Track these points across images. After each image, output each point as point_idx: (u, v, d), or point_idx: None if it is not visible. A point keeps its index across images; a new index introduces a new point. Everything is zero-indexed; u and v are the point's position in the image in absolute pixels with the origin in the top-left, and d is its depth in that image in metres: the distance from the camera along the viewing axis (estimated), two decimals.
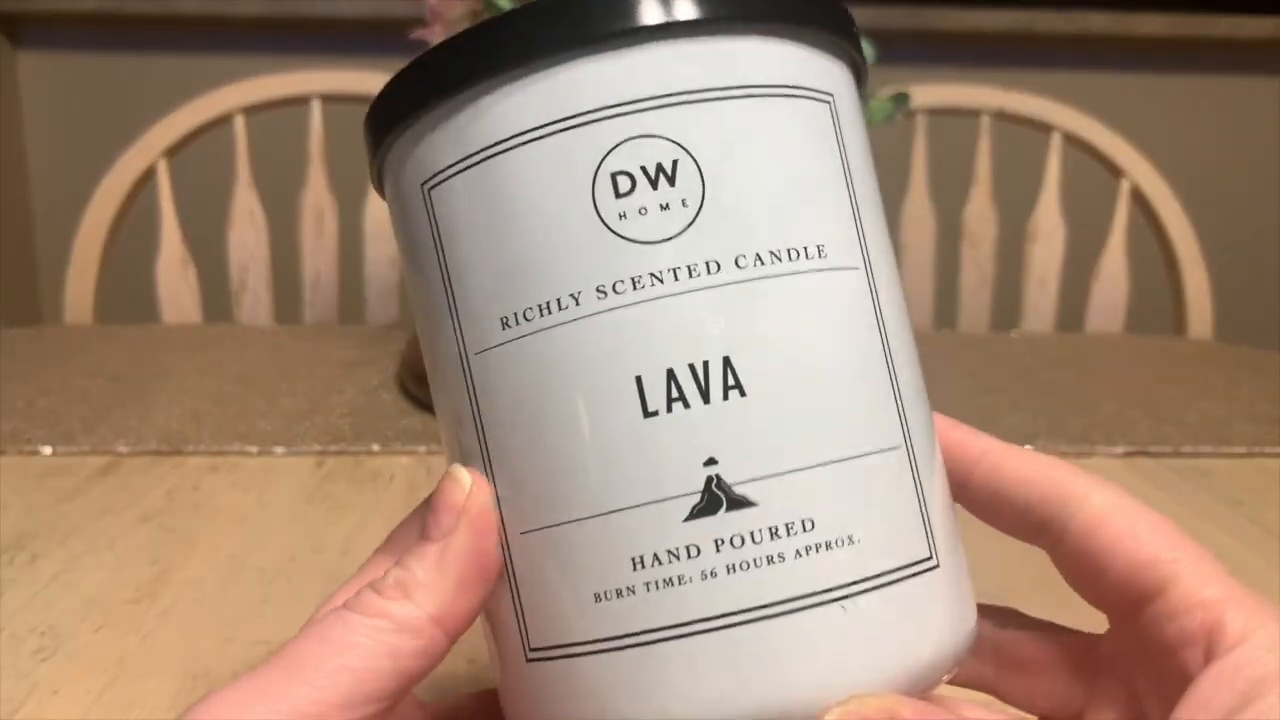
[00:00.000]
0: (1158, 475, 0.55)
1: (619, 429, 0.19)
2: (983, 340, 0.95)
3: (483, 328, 0.20)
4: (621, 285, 0.19)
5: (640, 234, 0.19)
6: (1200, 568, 0.21)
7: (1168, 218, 1.06)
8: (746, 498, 0.19)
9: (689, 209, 0.19)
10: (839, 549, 0.19)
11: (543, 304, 0.19)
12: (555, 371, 0.19)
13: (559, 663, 0.20)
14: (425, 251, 0.21)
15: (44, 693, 0.32)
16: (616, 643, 0.19)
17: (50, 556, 0.42)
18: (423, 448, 0.56)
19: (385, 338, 0.85)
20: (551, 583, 0.20)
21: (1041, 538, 0.23)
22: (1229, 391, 0.74)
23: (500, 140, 0.20)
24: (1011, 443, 0.24)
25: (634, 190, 0.19)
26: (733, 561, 0.18)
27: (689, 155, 0.19)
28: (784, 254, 0.19)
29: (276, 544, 0.44)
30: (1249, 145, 1.78)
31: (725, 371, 0.19)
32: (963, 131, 1.13)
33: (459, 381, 0.21)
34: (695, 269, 0.19)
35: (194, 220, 1.05)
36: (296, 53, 1.50)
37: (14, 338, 0.85)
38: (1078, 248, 1.09)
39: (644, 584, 0.19)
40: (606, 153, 0.19)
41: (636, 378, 0.19)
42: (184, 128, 1.03)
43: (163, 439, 0.57)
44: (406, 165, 0.21)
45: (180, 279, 1.02)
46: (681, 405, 0.19)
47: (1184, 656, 0.20)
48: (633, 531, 0.19)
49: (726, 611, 0.18)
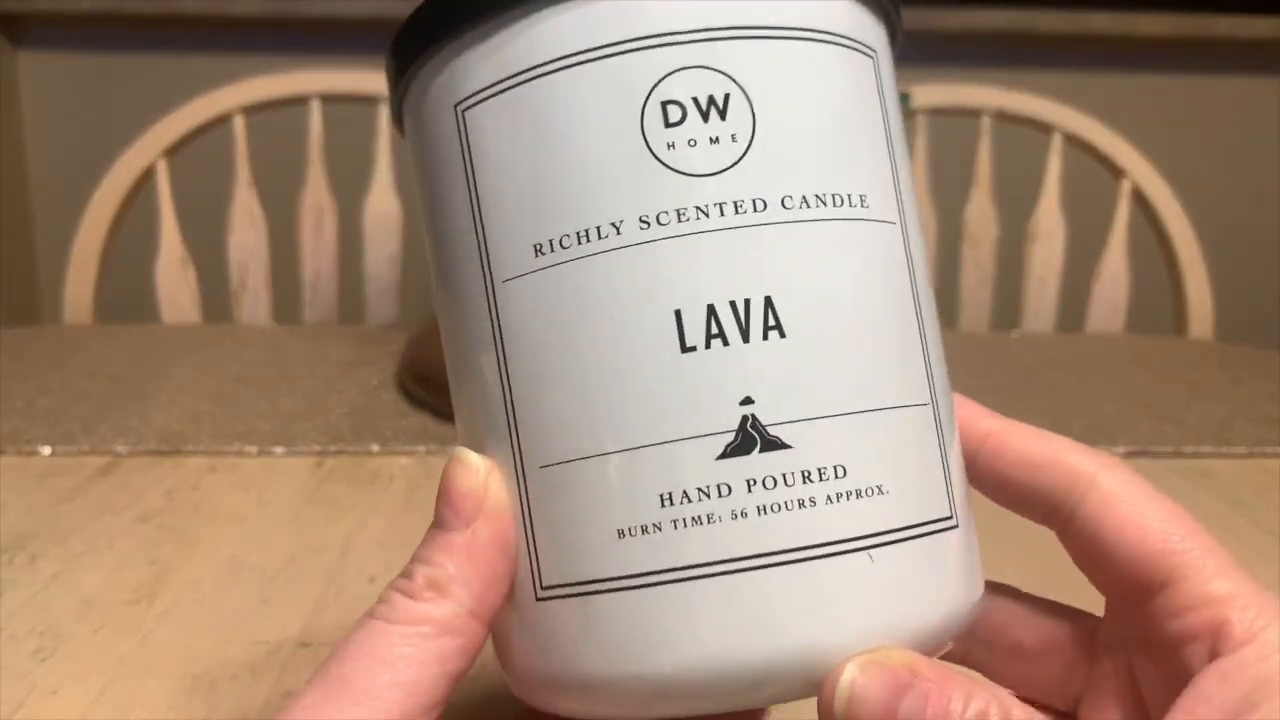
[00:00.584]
0: (1158, 475, 0.55)
1: (655, 363, 0.19)
2: (983, 340, 0.95)
3: (513, 254, 0.20)
4: (666, 216, 0.19)
5: (688, 165, 0.19)
6: (1209, 561, 0.20)
7: (1168, 218, 1.06)
8: (781, 439, 0.18)
9: (738, 144, 0.19)
10: (868, 498, 0.19)
11: (581, 231, 0.19)
12: (590, 301, 0.19)
13: (573, 600, 0.19)
14: (451, 176, 0.21)
15: (43, 693, 0.32)
16: (638, 580, 0.18)
17: (49, 557, 0.42)
18: (422, 448, 0.56)
19: (385, 338, 0.85)
20: (571, 518, 0.19)
21: (1049, 520, 0.22)
22: (1230, 392, 0.74)
23: (548, 60, 0.19)
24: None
25: (684, 121, 0.19)
26: (764, 503, 0.18)
27: (741, 90, 0.19)
28: (829, 199, 0.19)
29: (276, 544, 0.44)
30: (1250, 145, 1.78)
31: (766, 311, 0.19)
32: (963, 131, 1.13)
33: (481, 312, 0.20)
34: (742, 205, 0.19)
35: (193, 220, 1.05)
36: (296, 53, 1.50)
37: (14, 338, 0.85)
38: (1078, 248, 1.09)
39: (671, 521, 0.18)
40: (659, 80, 0.19)
41: (676, 311, 0.19)
42: (183, 128, 1.03)
43: (162, 439, 0.57)
44: (437, 86, 0.21)
45: (180, 279, 1.02)
46: (720, 342, 0.18)
47: (1187, 652, 0.20)
48: (663, 467, 0.18)
49: (756, 553, 0.18)
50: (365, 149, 1.06)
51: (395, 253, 1.06)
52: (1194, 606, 0.20)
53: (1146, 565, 0.20)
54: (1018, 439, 0.22)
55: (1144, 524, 0.21)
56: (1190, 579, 0.20)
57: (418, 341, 0.70)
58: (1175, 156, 1.28)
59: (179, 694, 0.32)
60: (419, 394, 0.64)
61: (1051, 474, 0.22)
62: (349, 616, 0.37)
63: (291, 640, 0.36)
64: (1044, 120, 1.09)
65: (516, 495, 0.20)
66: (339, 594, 0.39)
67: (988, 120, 1.10)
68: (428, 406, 0.63)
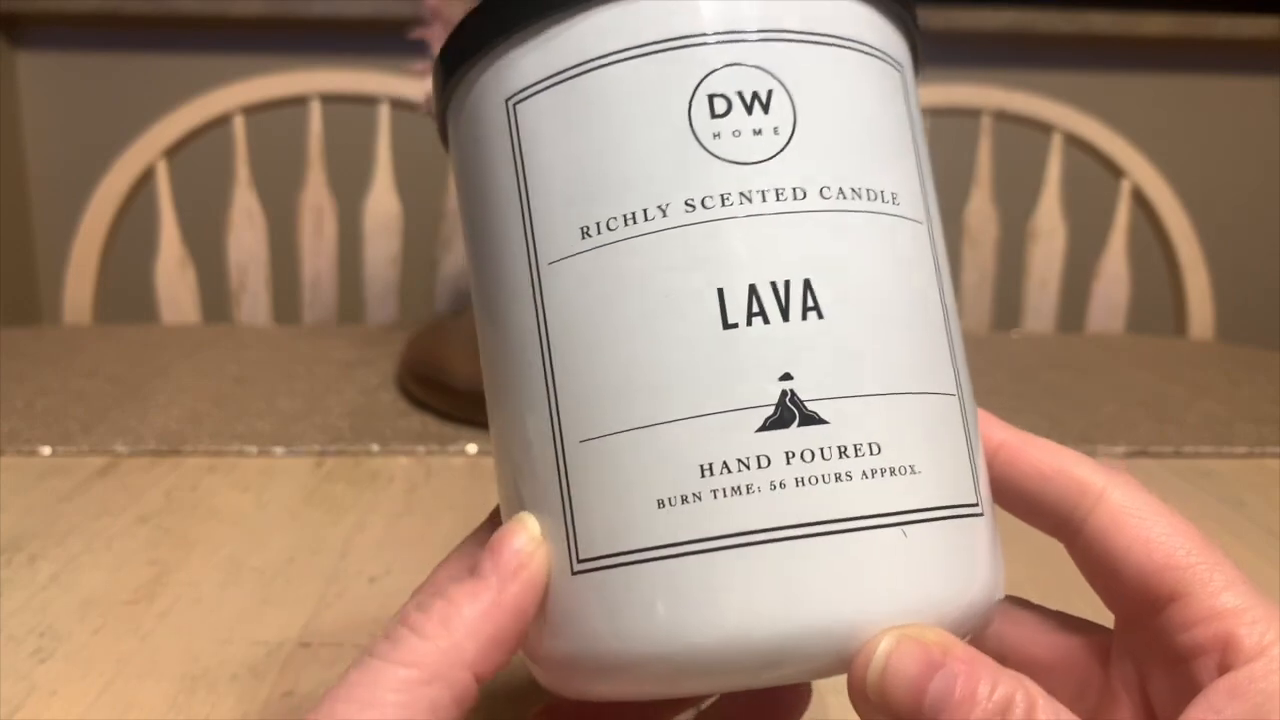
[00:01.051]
0: (1159, 476, 0.55)
1: (698, 338, 0.19)
2: (983, 340, 0.95)
3: (560, 237, 0.21)
4: (711, 200, 0.20)
5: (733, 154, 0.20)
6: (1217, 575, 0.20)
7: (1169, 218, 1.06)
8: (818, 414, 0.19)
9: (780, 137, 0.20)
10: (902, 476, 0.19)
11: (628, 214, 0.20)
12: (635, 279, 0.20)
13: (612, 571, 0.19)
14: (500, 167, 0.22)
15: (42, 694, 0.32)
16: (679, 549, 0.19)
17: (49, 557, 0.42)
18: (422, 448, 0.56)
19: (385, 338, 0.85)
20: (611, 490, 0.20)
21: (1058, 532, 0.22)
22: (1230, 392, 0.74)
23: (600, 55, 0.20)
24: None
25: (729, 113, 0.20)
26: (802, 475, 0.19)
27: (784, 88, 0.20)
28: (864, 192, 0.20)
29: (275, 545, 0.44)
30: (1250, 145, 1.78)
31: (805, 293, 0.19)
32: (963, 131, 1.13)
33: (525, 294, 0.21)
34: (783, 193, 0.20)
35: (193, 220, 1.05)
36: (296, 53, 1.50)
37: (13, 338, 0.85)
38: (1079, 248, 1.09)
39: (711, 491, 0.19)
40: (706, 75, 0.20)
41: (719, 290, 0.19)
42: (183, 127, 1.03)
43: (161, 439, 0.57)
44: (486, 83, 0.22)
45: (179, 279, 1.02)
46: (761, 320, 0.19)
47: (1196, 666, 0.20)
48: (704, 439, 0.19)
49: (794, 523, 0.19)
50: (365, 149, 1.06)
51: (395, 253, 1.06)
52: (1202, 620, 0.20)
53: (1153, 579, 0.20)
54: (1030, 449, 0.23)
55: (1151, 538, 0.21)
56: (1198, 593, 0.20)
57: (418, 341, 0.70)
58: (1175, 156, 1.28)
59: (179, 694, 0.32)
60: (419, 394, 0.64)
61: (1061, 486, 0.22)
62: (349, 616, 0.37)
63: (291, 640, 0.36)
64: (1044, 120, 1.09)
65: (555, 471, 0.20)
66: (339, 594, 0.39)
67: (988, 120, 1.10)
68: (427, 407, 0.63)
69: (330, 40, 1.63)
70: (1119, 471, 0.22)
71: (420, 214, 1.12)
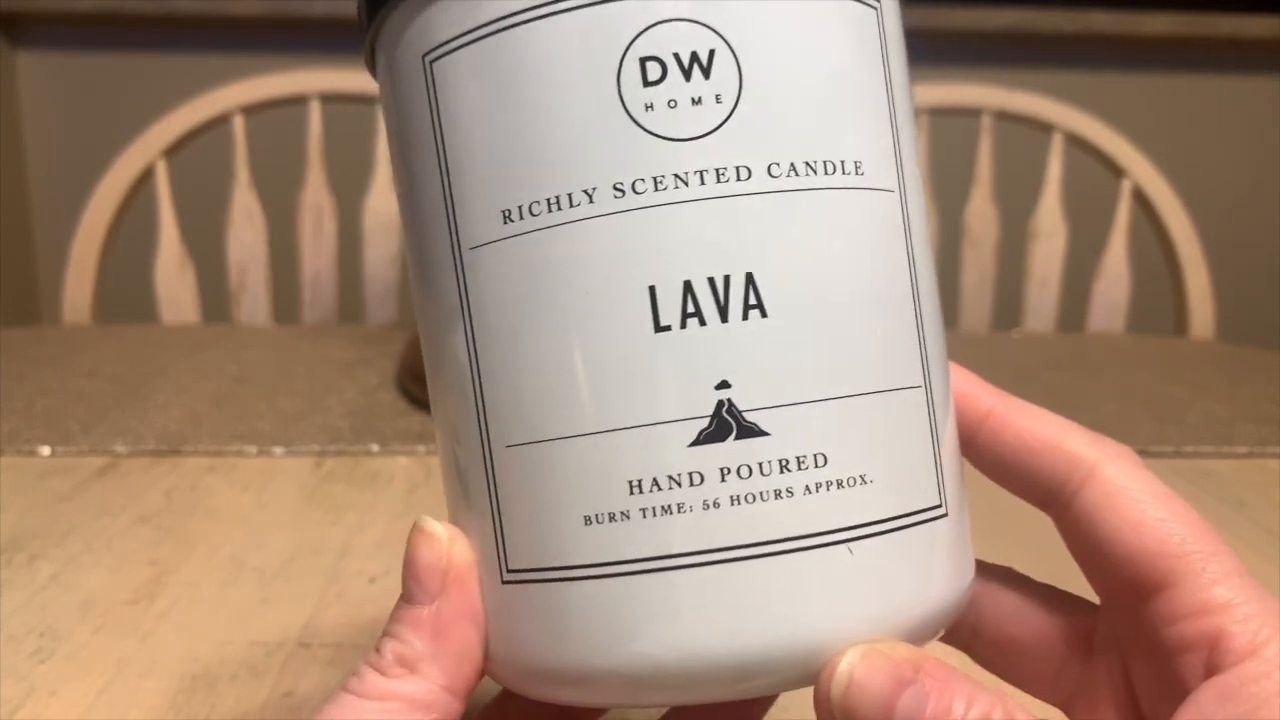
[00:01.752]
0: (1159, 475, 0.55)
1: (626, 342, 0.17)
2: (984, 340, 0.95)
3: (480, 221, 0.18)
4: (642, 184, 0.17)
5: (667, 129, 0.17)
6: (1211, 565, 0.19)
7: (1169, 218, 1.06)
8: (758, 426, 0.17)
9: (723, 106, 0.17)
10: (850, 488, 0.18)
11: (551, 198, 0.18)
12: (560, 273, 0.18)
13: (538, 586, 0.18)
14: (420, 132, 0.19)
15: (42, 694, 0.32)
16: (604, 569, 0.18)
17: (48, 557, 0.42)
18: (422, 448, 0.56)
19: (384, 338, 0.85)
20: (537, 501, 0.18)
21: (1046, 507, 0.21)
22: (1231, 392, 0.74)
23: (521, 9, 0.18)
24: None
25: (664, 79, 0.17)
26: (738, 493, 0.17)
27: (728, 46, 0.18)
28: (820, 166, 0.18)
29: (275, 545, 0.44)
30: (1251, 145, 1.78)
31: (747, 289, 0.17)
32: (963, 131, 1.13)
33: (449, 282, 0.19)
34: (724, 173, 0.17)
35: (192, 220, 1.05)
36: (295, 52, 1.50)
37: (13, 338, 0.85)
38: (1079, 248, 1.09)
39: (640, 509, 0.17)
40: (638, 34, 0.17)
41: (650, 287, 0.17)
42: (183, 127, 1.03)
43: (161, 439, 0.57)
44: (406, 33, 0.19)
45: (179, 279, 1.02)
46: (697, 322, 0.17)
47: (1182, 662, 0.18)
48: (632, 453, 0.17)
49: (727, 545, 0.17)
50: (365, 149, 1.06)
51: (395, 253, 1.06)
52: (1191, 614, 0.18)
53: (1143, 565, 0.19)
54: (1020, 418, 0.21)
55: (1143, 521, 0.19)
56: (1189, 584, 0.19)
57: (417, 341, 0.70)
58: (1175, 156, 1.28)
59: (179, 694, 0.32)
60: (419, 394, 0.64)
61: (1051, 459, 0.21)
62: (349, 616, 0.37)
63: (291, 640, 0.36)
64: (1044, 120, 1.09)
65: (483, 473, 0.19)
66: (339, 594, 0.39)
67: (988, 120, 1.10)
68: (427, 406, 0.63)
69: (330, 40, 1.63)
70: (1114, 445, 0.21)
71: None
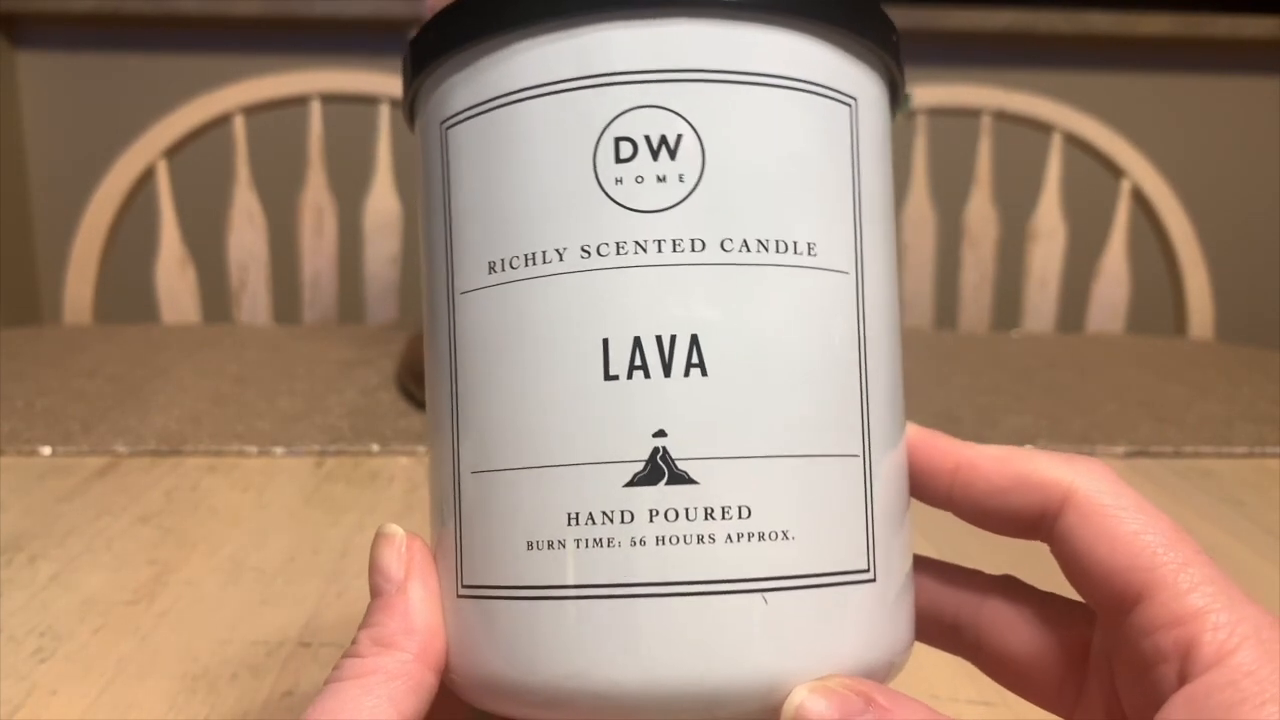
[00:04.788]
0: (1159, 476, 0.55)
1: (578, 387, 0.19)
2: (983, 340, 0.95)
3: (471, 269, 0.21)
4: (606, 248, 0.19)
5: (633, 201, 0.19)
6: (1183, 576, 0.19)
7: (1168, 218, 1.06)
8: (688, 474, 0.19)
9: (685, 185, 0.19)
10: (771, 542, 0.19)
11: (528, 254, 0.20)
12: (528, 321, 0.20)
13: (484, 602, 0.20)
14: (435, 187, 0.22)
15: (42, 693, 0.32)
16: (537, 592, 0.19)
17: (49, 557, 0.42)
18: (422, 448, 0.56)
19: (385, 338, 0.85)
20: (490, 524, 0.20)
21: (1037, 538, 0.21)
22: (1230, 392, 0.74)
23: (516, 90, 0.20)
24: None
25: (634, 157, 0.19)
26: (664, 534, 0.19)
27: (694, 132, 0.20)
28: (772, 244, 0.20)
29: (275, 545, 0.44)
30: (1250, 145, 1.78)
31: (691, 349, 0.19)
32: (963, 131, 1.13)
33: (444, 319, 0.21)
34: (680, 244, 0.19)
35: (193, 220, 1.05)
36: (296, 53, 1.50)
37: (13, 338, 0.85)
38: (1078, 248, 1.09)
39: (575, 540, 0.19)
40: (614, 117, 0.20)
41: (604, 340, 0.19)
42: (183, 128, 1.03)
43: (161, 439, 0.57)
44: (431, 102, 0.22)
45: (179, 279, 1.02)
46: (642, 374, 0.19)
47: (1158, 674, 0.19)
48: (573, 487, 0.19)
49: (648, 581, 0.19)
50: (365, 149, 1.06)
51: (395, 253, 1.06)
52: (1165, 625, 0.19)
53: (1120, 580, 0.19)
54: (985, 461, 0.22)
55: (1118, 535, 0.20)
56: (1162, 594, 0.19)
57: (418, 341, 0.70)
58: (1175, 156, 1.28)
59: (179, 694, 0.32)
60: (419, 394, 0.64)
61: (1024, 493, 0.21)
62: (349, 616, 0.37)
63: (291, 640, 0.36)
64: (1044, 120, 1.09)
65: (452, 494, 0.21)
66: (339, 594, 0.39)
67: (988, 120, 1.10)
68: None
69: (330, 40, 1.63)
70: (1083, 461, 0.21)
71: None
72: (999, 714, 0.23)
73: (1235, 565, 0.44)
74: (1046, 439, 0.59)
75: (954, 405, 0.66)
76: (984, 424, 0.61)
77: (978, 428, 0.60)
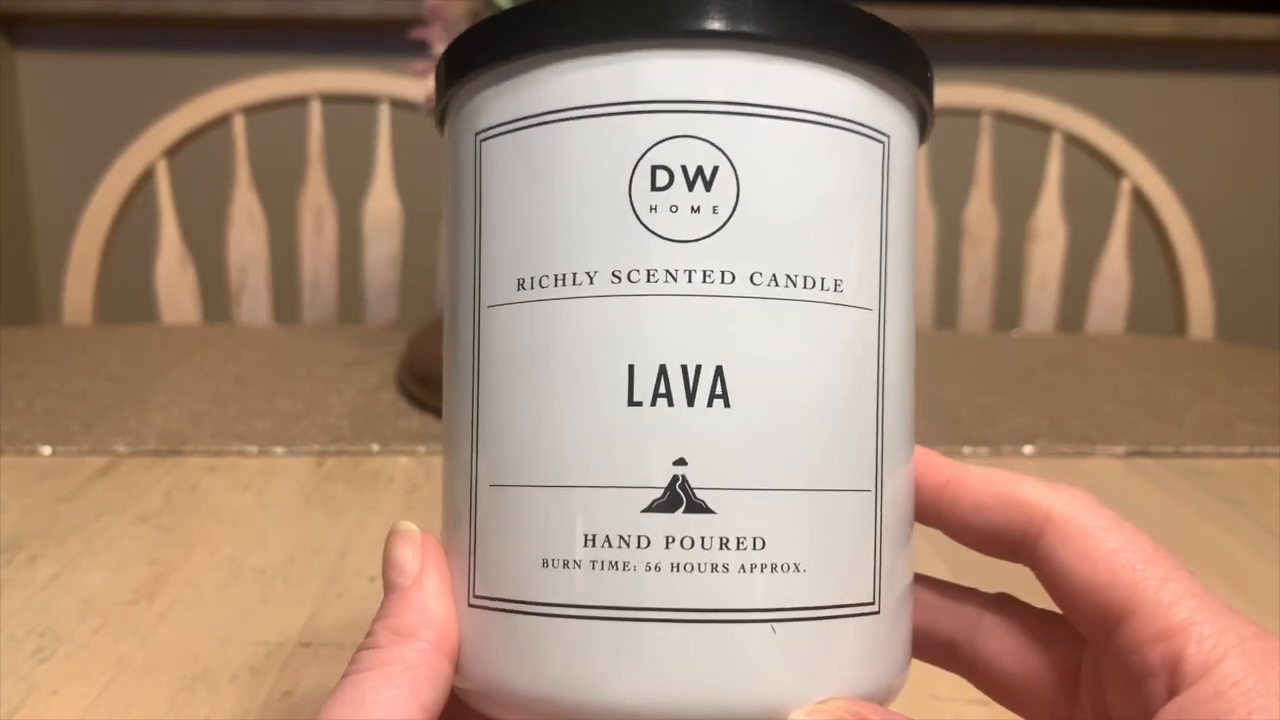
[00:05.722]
0: (1159, 475, 0.55)
1: (602, 410, 0.19)
2: (983, 340, 0.95)
3: (499, 283, 0.21)
4: (637, 274, 0.19)
5: (666, 230, 0.20)
6: (1164, 591, 0.19)
7: (1168, 218, 1.06)
8: (705, 503, 0.19)
9: (718, 216, 0.20)
10: (782, 573, 0.19)
11: (560, 275, 0.20)
12: (555, 341, 0.20)
13: (495, 614, 0.20)
14: (466, 198, 0.22)
15: (43, 693, 0.32)
16: (551, 609, 0.20)
17: (49, 557, 0.42)
18: (422, 448, 0.56)
19: (384, 338, 0.85)
20: (506, 539, 0.20)
21: (1019, 559, 0.22)
22: (1230, 392, 0.74)
23: (557, 109, 0.20)
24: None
25: (670, 186, 0.20)
26: (679, 561, 0.19)
27: (730, 165, 0.20)
28: (800, 280, 0.20)
29: (275, 544, 0.44)
30: (1250, 145, 1.78)
31: (715, 380, 0.19)
32: (963, 131, 1.13)
33: (468, 330, 0.22)
34: (710, 275, 0.19)
35: (193, 220, 1.05)
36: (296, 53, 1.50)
37: (13, 338, 0.85)
38: (1078, 248, 1.09)
39: (590, 561, 0.19)
40: (652, 145, 0.20)
41: (630, 365, 0.19)
42: (183, 128, 1.03)
43: (161, 439, 0.57)
44: (466, 111, 0.22)
45: (179, 279, 1.02)
46: (666, 402, 0.19)
47: (1147, 689, 0.19)
48: (593, 509, 0.19)
49: (661, 606, 0.19)
50: (365, 149, 1.06)
51: (395, 253, 1.06)
52: (1151, 640, 0.19)
53: (1102, 598, 0.20)
54: (972, 480, 0.22)
55: (1097, 554, 0.20)
56: (1146, 610, 0.19)
57: (418, 341, 0.70)
58: (1175, 156, 1.28)
59: (179, 694, 0.32)
60: (419, 394, 0.64)
61: (1007, 512, 0.22)
62: (349, 616, 0.37)
63: (291, 640, 0.36)
64: (1044, 120, 1.09)
65: (468, 504, 0.21)
66: (339, 594, 0.39)
67: (988, 120, 1.10)
68: (428, 407, 0.63)
69: (330, 40, 1.63)
70: (1064, 487, 0.22)
71: (420, 214, 1.12)
72: (999, 714, 0.23)
73: (1235, 565, 0.44)
74: (1046, 439, 0.59)
75: (954, 405, 0.66)
76: (984, 424, 0.61)
77: (978, 428, 0.60)
